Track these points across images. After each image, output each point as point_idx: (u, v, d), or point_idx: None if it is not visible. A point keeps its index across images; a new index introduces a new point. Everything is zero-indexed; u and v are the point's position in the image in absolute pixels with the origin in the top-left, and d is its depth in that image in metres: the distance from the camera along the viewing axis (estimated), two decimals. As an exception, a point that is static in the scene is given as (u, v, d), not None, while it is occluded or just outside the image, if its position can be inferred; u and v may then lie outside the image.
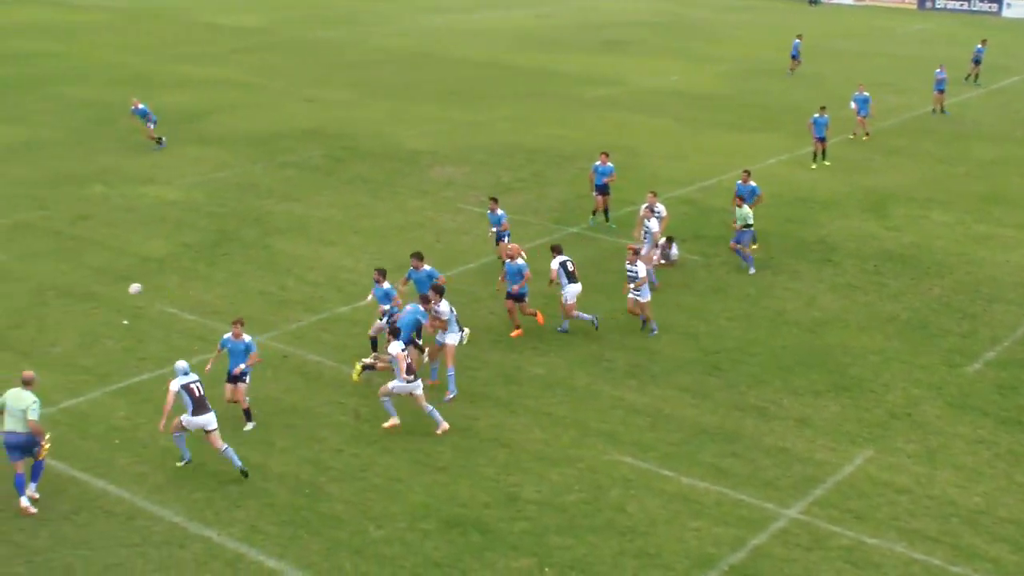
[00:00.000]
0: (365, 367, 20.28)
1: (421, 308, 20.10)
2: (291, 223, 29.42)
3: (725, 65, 54.01)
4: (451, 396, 19.98)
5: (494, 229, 26.19)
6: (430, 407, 18.85)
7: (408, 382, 18.47)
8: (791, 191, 33.27)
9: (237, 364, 18.70)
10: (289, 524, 16.35)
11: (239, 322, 18.78)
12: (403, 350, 18.44)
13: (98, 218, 29.70)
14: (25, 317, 23.24)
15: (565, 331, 22.76)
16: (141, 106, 36.55)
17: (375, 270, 21.18)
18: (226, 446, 17.31)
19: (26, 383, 16.47)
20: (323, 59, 53.98)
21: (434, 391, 20.04)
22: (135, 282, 22.76)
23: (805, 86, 49.05)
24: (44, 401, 19.33)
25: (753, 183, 27.85)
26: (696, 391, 20.64)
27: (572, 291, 22.60)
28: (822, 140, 35.83)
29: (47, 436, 16.68)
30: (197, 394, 17.02)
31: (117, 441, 18.40)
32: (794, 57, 52.00)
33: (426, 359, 20.70)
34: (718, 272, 26.60)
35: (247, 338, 18.73)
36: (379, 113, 42.55)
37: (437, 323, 19.97)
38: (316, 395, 20.11)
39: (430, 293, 20.08)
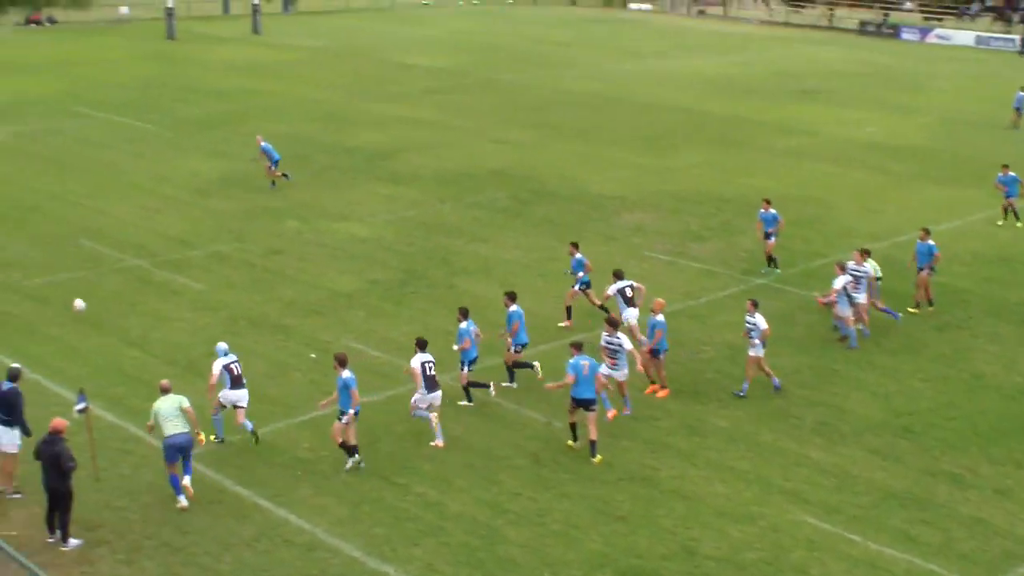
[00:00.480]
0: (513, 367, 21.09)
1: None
2: (477, 264, 29.85)
3: (926, 116, 52.58)
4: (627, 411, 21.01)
5: (577, 275, 25.81)
6: (437, 422, 19.69)
7: (426, 394, 19.48)
8: (994, 249, 32.09)
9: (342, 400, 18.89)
10: (465, 565, 16.48)
11: (338, 358, 18.87)
12: (427, 363, 19.58)
13: (291, 252, 30.73)
14: (219, 345, 24.16)
15: (742, 395, 22.23)
16: (265, 144, 37.36)
17: (504, 294, 22.15)
18: (245, 421, 19.35)
19: (165, 391, 17.92)
20: (511, 100, 54.80)
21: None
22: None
23: (1015, 140, 47.33)
24: (235, 430, 20.03)
25: (931, 241, 26.91)
26: (886, 453, 20.01)
27: (629, 315, 23.43)
28: (1011, 198, 34.38)
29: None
30: (235, 372, 19.43)
31: (299, 472, 18.91)
32: (1017, 110, 50.02)
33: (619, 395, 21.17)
34: (911, 330, 25.79)
35: (345, 374, 18.73)
36: (566, 156, 42.89)
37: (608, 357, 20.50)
38: (496, 436, 20.28)
39: (605, 324, 20.70)
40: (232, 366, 19.51)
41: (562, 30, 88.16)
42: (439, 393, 19.81)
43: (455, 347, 21.44)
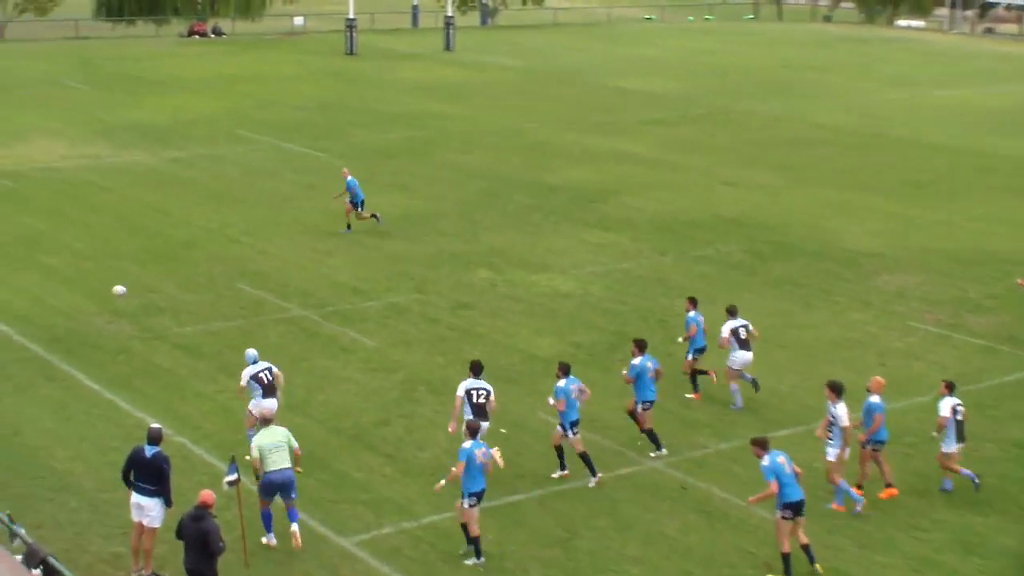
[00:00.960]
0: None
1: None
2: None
3: None
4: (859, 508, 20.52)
5: (685, 338, 25.82)
6: None
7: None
8: None
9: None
10: None
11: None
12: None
13: (481, 307, 31.07)
14: (392, 414, 24.52)
15: (947, 491, 21.44)
16: (351, 178, 37.25)
17: (559, 365, 21.78)
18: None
19: (268, 421, 19.38)
20: (749, 135, 54.47)
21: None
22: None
23: None
24: (404, 513, 20.22)
25: None
26: None
27: (740, 358, 24.52)
28: None
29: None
30: (266, 381, 21.26)
31: (482, 569, 18.87)
32: None
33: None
34: None
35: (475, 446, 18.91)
36: (814, 203, 42.30)
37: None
38: (719, 538, 19.89)
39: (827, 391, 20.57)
40: (263, 375, 21.34)
41: (813, 51, 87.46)
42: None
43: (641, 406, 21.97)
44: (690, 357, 25.35)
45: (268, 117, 57.05)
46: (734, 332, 24.73)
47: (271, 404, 21.18)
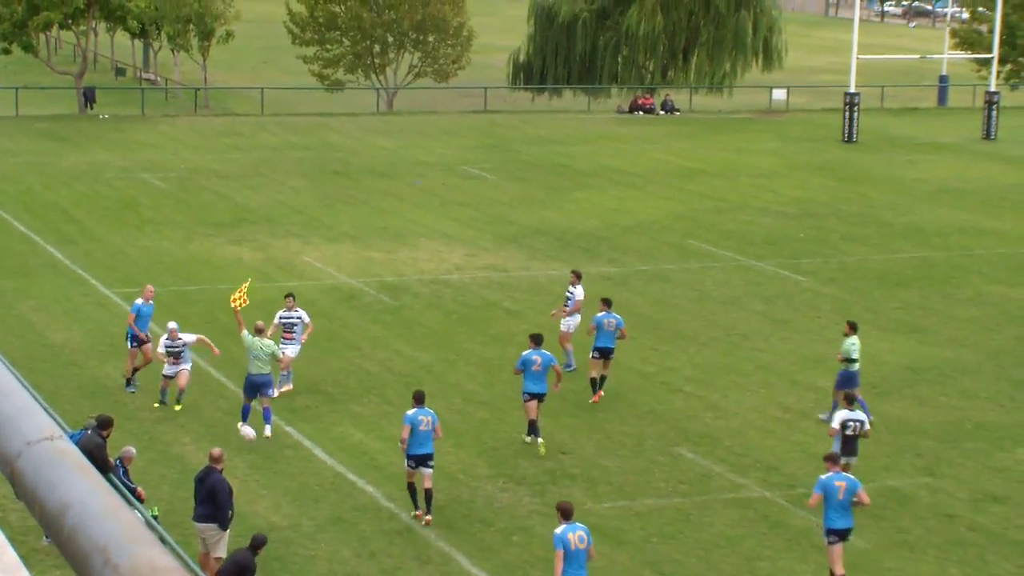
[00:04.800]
0: None
1: None
2: None
3: None
4: None
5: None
6: None
7: None
8: None
9: None
10: None
11: None
12: None
13: (1018, 500, 30.35)
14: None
15: None
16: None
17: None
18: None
19: (259, 332, 32.46)
20: None
21: None
22: None
23: None
24: None
25: None
26: None
27: None
28: None
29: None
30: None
31: None
32: None
33: None
34: None
35: None
36: None
37: None
38: None
39: None
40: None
41: None
42: None
43: None
44: None
45: (732, 225, 57.80)
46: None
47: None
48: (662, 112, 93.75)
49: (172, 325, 34.10)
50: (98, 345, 39.13)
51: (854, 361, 34.02)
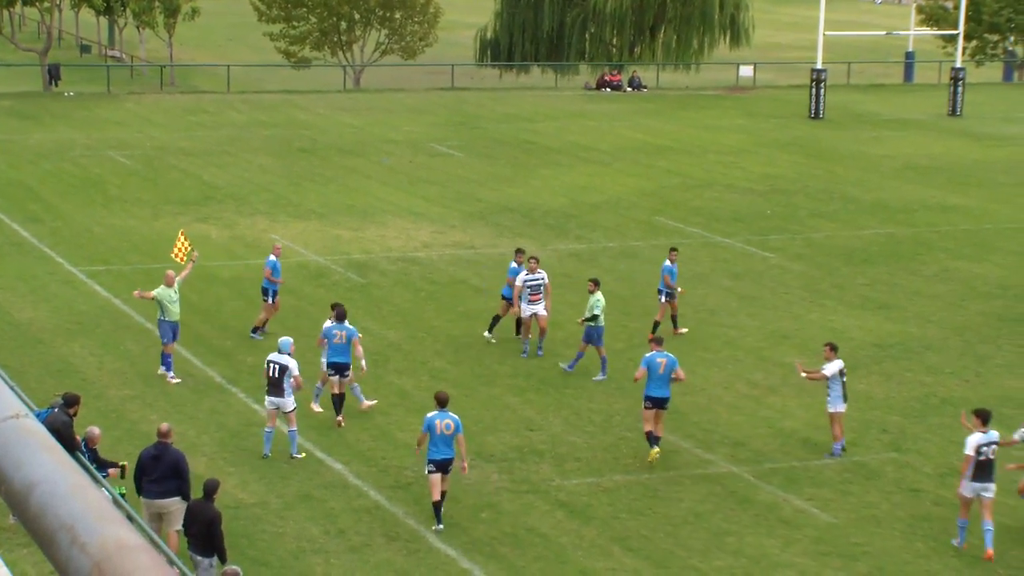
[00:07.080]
0: None
1: None
2: None
3: None
4: None
5: None
6: None
7: None
8: None
9: None
10: None
11: None
12: None
13: (983, 475, 30.56)
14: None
15: None
16: None
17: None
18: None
19: (168, 284, 34.30)
20: None
21: None
22: None
23: None
24: None
25: None
26: None
27: None
28: None
29: None
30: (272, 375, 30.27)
31: None
32: None
33: None
34: None
35: None
36: None
37: None
38: None
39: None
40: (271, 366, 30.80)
41: None
42: None
43: None
44: None
45: (700, 202, 57.93)
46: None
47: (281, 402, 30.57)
48: (629, 89, 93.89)
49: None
50: (64, 323, 39.13)
51: (597, 317, 35.77)
